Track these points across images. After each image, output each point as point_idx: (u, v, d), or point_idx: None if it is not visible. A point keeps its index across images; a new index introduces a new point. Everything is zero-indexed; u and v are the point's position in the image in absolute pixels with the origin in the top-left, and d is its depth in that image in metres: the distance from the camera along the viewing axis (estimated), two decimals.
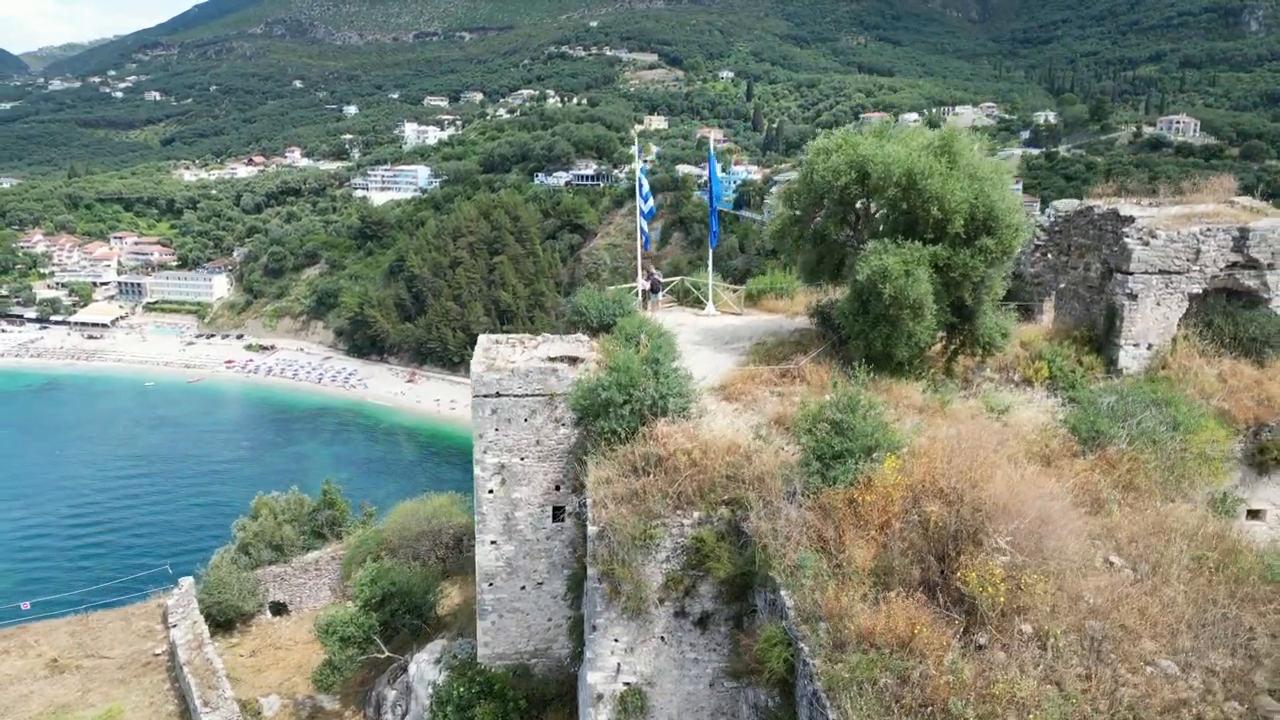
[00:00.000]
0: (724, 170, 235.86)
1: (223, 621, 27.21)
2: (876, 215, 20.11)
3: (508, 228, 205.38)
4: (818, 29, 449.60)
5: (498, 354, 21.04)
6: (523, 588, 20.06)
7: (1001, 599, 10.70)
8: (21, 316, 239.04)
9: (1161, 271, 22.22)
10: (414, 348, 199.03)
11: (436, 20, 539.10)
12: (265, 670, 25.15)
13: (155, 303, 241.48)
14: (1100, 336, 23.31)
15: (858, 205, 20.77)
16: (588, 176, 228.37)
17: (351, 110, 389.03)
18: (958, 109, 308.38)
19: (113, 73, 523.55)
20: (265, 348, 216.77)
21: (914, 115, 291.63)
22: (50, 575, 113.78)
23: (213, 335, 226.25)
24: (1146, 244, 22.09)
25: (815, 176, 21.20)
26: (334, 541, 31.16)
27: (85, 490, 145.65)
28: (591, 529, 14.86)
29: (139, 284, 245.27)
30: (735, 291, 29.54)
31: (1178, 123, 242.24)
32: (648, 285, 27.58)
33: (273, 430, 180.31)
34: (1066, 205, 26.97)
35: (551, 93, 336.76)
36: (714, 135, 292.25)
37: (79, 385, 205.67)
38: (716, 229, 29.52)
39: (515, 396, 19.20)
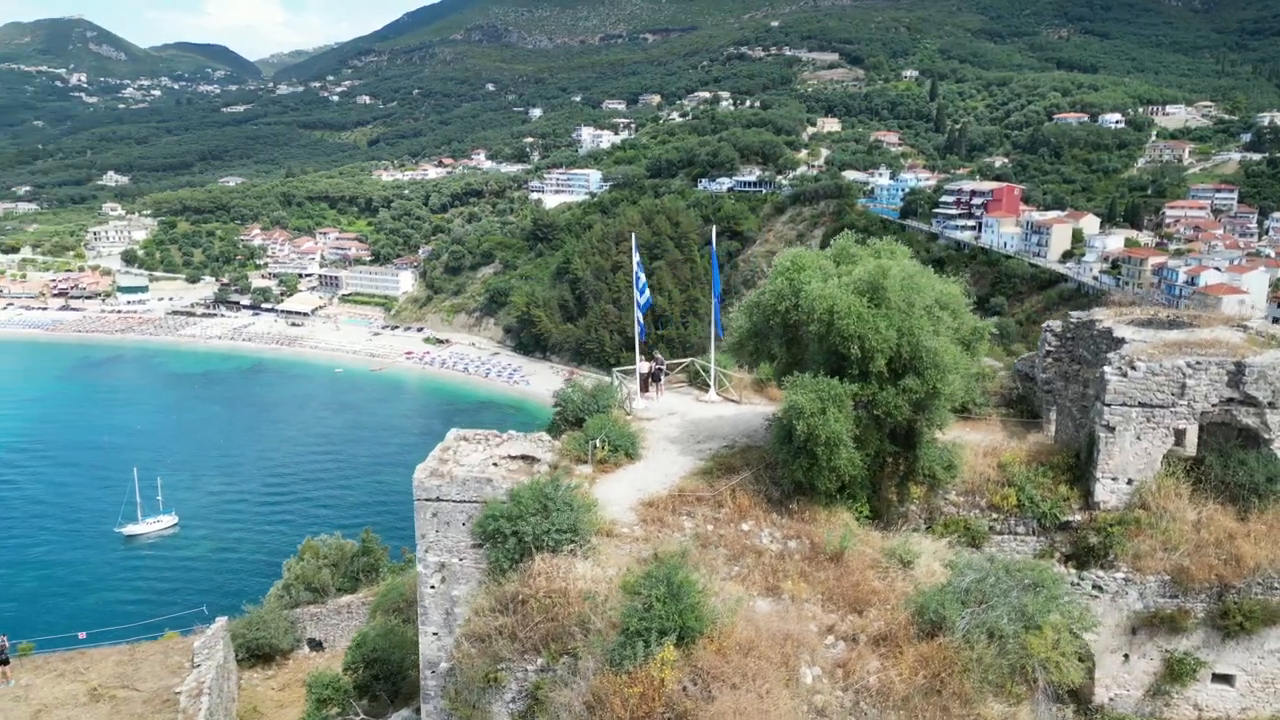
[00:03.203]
0: (892, 177, 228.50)
1: (261, 655, 30.82)
2: (809, 346, 20.20)
3: (668, 233, 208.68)
4: (1015, 23, 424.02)
5: (457, 450, 22.70)
6: None
7: None
8: (238, 303, 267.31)
9: (1142, 404, 20.84)
10: (574, 348, 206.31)
11: (622, 23, 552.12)
12: (287, 706, 28.17)
13: (349, 295, 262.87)
14: (1082, 464, 22.12)
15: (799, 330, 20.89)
16: (750, 183, 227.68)
17: (536, 113, 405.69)
18: (1168, 109, 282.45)
19: (331, 78, 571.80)
20: (441, 341, 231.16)
21: (1116, 115, 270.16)
22: (244, 537, 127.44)
23: (396, 327, 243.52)
24: (1124, 374, 20.79)
25: (764, 297, 21.55)
26: (368, 586, 34.22)
27: (279, 466, 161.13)
28: (444, 665, 16.14)
29: (336, 277, 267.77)
30: (744, 374, 29.85)
31: None
32: (647, 370, 28.46)
33: (440, 420, 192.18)
34: (1078, 313, 25.56)
35: (726, 95, 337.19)
36: (889, 138, 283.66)
37: (280, 368, 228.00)
38: (720, 318, 29.93)
39: (454, 502, 20.77)
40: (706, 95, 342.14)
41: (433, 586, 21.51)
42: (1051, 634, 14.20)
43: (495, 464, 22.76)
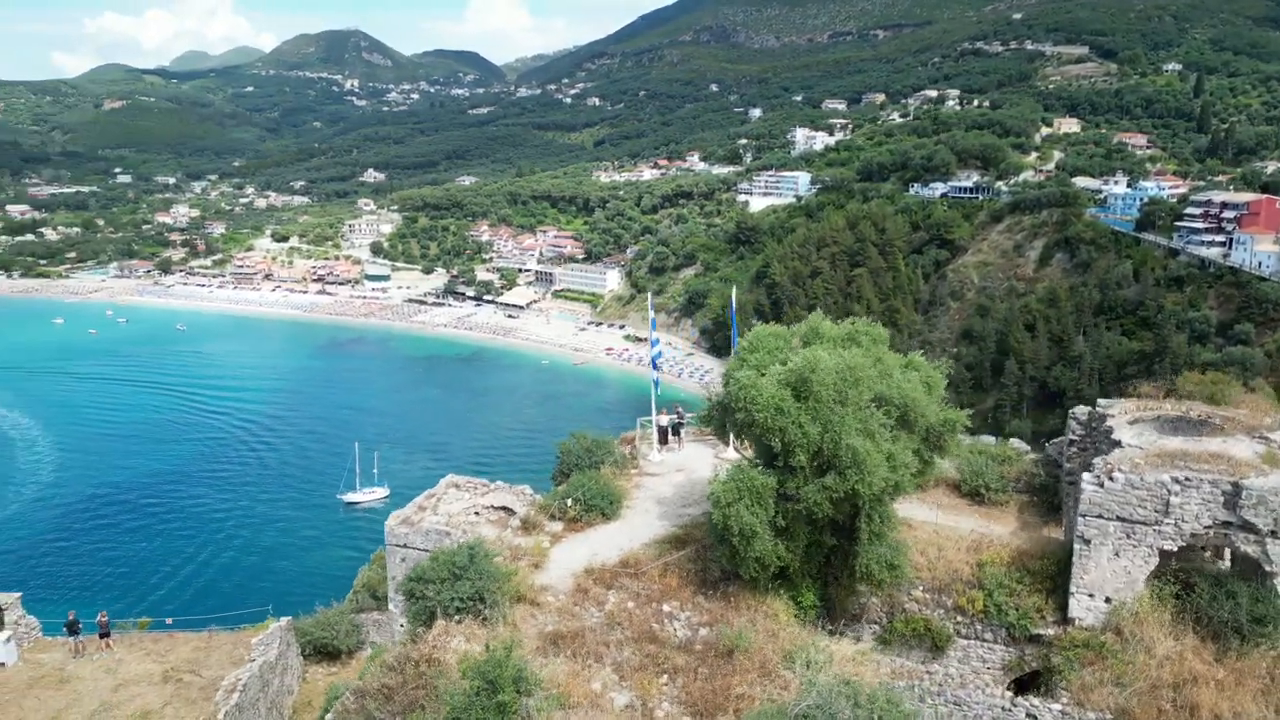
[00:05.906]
0: (1130, 185, 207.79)
1: (328, 652, 34.23)
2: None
3: (871, 239, 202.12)
4: None
5: (444, 497, 24.45)
6: None
7: None
8: (464, 294, 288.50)
9: (1121, 519, 18.84)
10: None
11: (852, 20, 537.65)
12: None
13: (561, 291, 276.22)
14: (1061, 573, 20.27)
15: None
16: (965, 188, 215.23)
17: (756, 113, 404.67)
18: None
19: (565, 80, 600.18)
20: (640, 339, 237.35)
21: None
22: None
23: (600, 324, 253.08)
24: (1101, 485, 18.89)
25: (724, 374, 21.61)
26: None
27: (483, 449, 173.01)
28: (329, 716, 17.69)
29: (550, 273, 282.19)
30: None
31: None
32: (665, 423, 28.80)
33: (630, 417, 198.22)
34: (1105, 400, 23.17)
35: (954, 93, 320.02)
36: (1137, 139, 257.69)
37: (494, 357, 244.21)
38: None
39: (418, 550, 22.51)
40: (932, 94, 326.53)
41: (402, 625, 23.43)
42: None
43: (477, 513, 24.33)
